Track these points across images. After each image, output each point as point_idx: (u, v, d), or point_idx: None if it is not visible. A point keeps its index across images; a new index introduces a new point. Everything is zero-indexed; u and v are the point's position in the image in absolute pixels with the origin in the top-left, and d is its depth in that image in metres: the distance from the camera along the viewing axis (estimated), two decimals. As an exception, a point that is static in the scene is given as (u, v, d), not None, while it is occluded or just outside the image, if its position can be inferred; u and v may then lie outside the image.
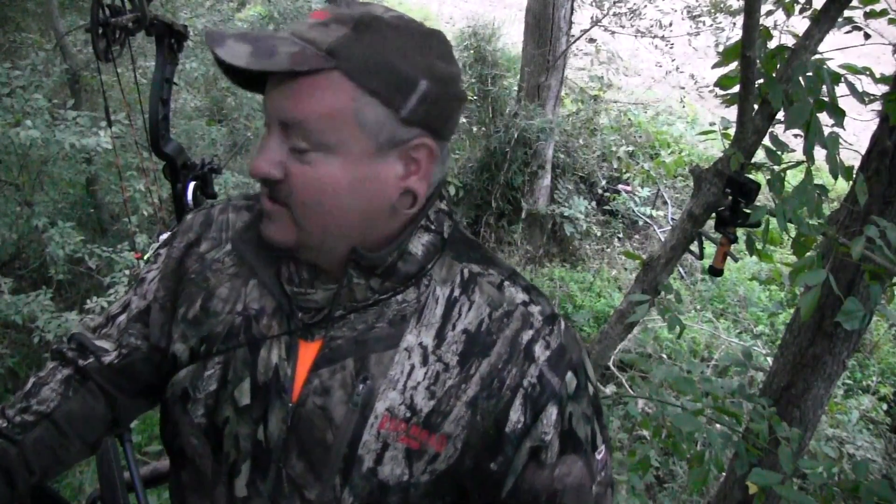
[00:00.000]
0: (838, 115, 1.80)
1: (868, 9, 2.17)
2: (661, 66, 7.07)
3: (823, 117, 1.81)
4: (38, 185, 4.70)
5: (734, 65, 2.06)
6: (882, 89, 2.07)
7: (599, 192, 6.89)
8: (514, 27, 7.29)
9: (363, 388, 0.75)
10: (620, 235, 6.70)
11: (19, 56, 4.93)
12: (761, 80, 1.96)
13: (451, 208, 0.83)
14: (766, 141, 2.01)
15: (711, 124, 3.06)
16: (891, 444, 4.38)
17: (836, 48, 2.26)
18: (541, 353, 0.77)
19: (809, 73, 1.81)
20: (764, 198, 3.67)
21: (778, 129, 2.06)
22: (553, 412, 0.77)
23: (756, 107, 2.03)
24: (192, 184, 1.84)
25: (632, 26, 6.61)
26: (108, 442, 1.21)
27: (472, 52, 6.29)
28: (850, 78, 1.85)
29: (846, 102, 1.86)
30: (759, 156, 2.19)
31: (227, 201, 0.91)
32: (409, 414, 0.75)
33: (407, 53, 0.71)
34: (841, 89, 1.84)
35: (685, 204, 2.89)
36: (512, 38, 7.25)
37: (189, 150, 3.11)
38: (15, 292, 3.79)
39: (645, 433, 3.57)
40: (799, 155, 1.92)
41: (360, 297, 0.77)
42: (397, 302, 0.78)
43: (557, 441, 0.78)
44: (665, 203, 7.00)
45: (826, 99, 1.80)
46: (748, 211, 1.98)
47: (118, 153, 2.98)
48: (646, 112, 7.96)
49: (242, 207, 0.89)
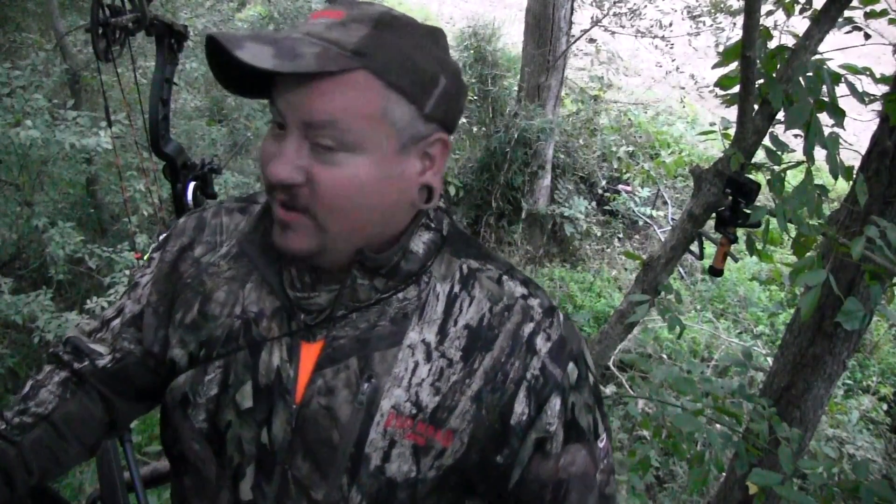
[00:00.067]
0: (838, 115, 1.80)
1: (868, 9, 2.17)
2: (661, 67, 7.07)
3: (823, 117, 1.81)
4: (38, 185, 4.70)
5: (734, 65, 2.05)
6: (882, 89, 2.07)
7: (599, 192, 6.89)
8: (514, 27, 7.29)
9: (368, 387, 0.75)
10: (620, 235, 6.71)
11: (19, 56, 4.93)
12: (761, 81, 1.95)
13: (448, 206, 0.84)
14: (766, 141, 2.01)
15: (711, 124, 3.06)
16: (891, 444, 4.38)
17: (837, 48, 2.25)
18: (542, 345, 0.78)
19: (809, 74, 1.81)
20: (764, 198, 3.67)
21: (778, 130, 2.06)
22: (556, 403, 0.77)
23: (756, 107, 2.03)
24: (192, 184, 1.84)
25: (632, 26, 6.61)
26: (107, 442, 1.21)
27: (472, 52, 6.29)
28: (850, 78, 1.85)
29: (846, 102, 1.86)
30: (760, 156, 2.19)
31: (219, 204, 0.90)
32: (414, 410, 0.75)
33: (426, 51, 0.72)
34: (841, 89, 1.84)
35: (685, 204, 2.89)
36: (512, 38, 7.25)
37: (189, 150, 3.12)
38: (15, 292, 3.79)
39: (645, 433, 3.57)
40: (799, 155, 1.92)
41: (363, 297, 0.77)
42: (398, 300, 0.78)
43: (562, 431, 0.78)
44: (665, 203, 7.00)
45: (826, 99, 1.80)
46: (748, 211, 1.98)
47: (118, 153, 2.97)
48: (646, 112, 7.97)
49: (235, 210, 0.88)
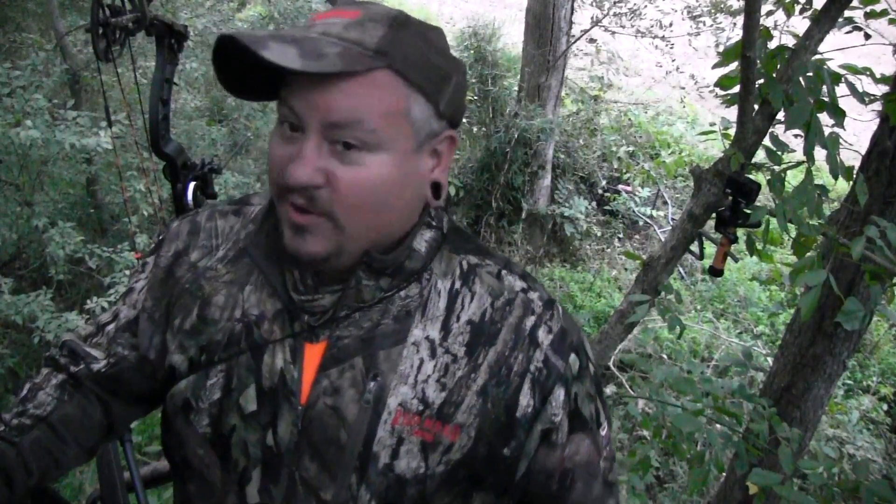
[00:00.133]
0: (838, 115, 1.80)
1: (868, 9, 2.17)
2: (661, 67, 7.07)
3: (823, 117, 1.81)
4: (38, 185, 4.71)
5: (734, 65, 2.05)
6: (882, 89, 2.07)
7: (600, 192, 6.89)
8: (514, 27, 7.29)
9: (374, 386, 0.75)
10: (621, 235, 6.71)
11: (19, 56, 4.93)
12: (761, 81, 1.95)
13: (445, 203, 0.84)
14: (766, 141, 2.01)
15: (712, 124, 3.06)
16: (891, 444, 4.38)
17: (837, 48, 2.25)
18: (544, 337, 0.79)
19: (810, 74, 1.81)
20: (764, 198, 3.67)
21: (778, 130, 2.05)
22: (560, 394, 0.78)
23: (756, 107, 2.03)
24: (192, 184, 1.84)
25: (632, 26, 6.61)
26: (108, 443, 1.21)
27: (472, 52, 6.29)
28: (851, 78, 1.85)
29: (846, 103, 1.86)
30: (760, 156, 2.19)
31: (212, 207, 0.90)
32: (421, 407, 0.76)
33: (438, 49, 0.74)
34: (841, 89, 1.84)
35: (685, 204, 2.89)
36: (512, 39, 7.25)
37: (189, 150, 3.11)
38: (15, 292, 3.79)
39: (645, 433, 3.57)
40: (799, 155, 1.92)
41: (368, 297, 0.77)
42: (401, 298, 0.78)
43: (566, 422, 0.80)
44: (665, 203, 7.00)
45: (826, 99, 1.80)
46: (748, 211, 1.98)
47: (118, 153, 2.98)
48: (646, 112, 7.97)
49: (229, 212, 0.88)
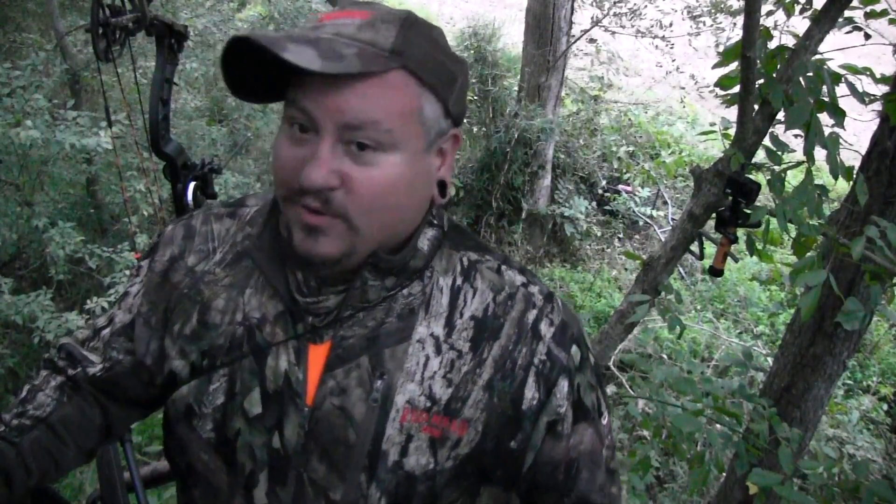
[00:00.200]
0: (838, 115, 1.80)
1: (868, 9, 2.16)
2: (661, 67, 7.07)
3: (824, 117, 1.81)
4: (38, 185, 4.71)
5: (734, 65, 2.05)
6: (882, 89, 2.07)
7: (600, 192, 6.89)
8: (514, 27, 7.29)
9: (381, 384, 0.76)
10: (621, 236, 6.71)
11: (19, 56, 4.93)
12: (761, 81, 1.95)
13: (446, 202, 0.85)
14: (766, 141, 2.01)
15: (712, 124, 3.06)
16: (891, 444, 4.38)
17: (837, 48, 2.25)
18: (546, 330, 0.80)
19: (810, 74, 1.81)
20: (764, 198, 3.67)
21: (778, 130, 2.05)
22: (564, 385, 0.79)
23: (756, 107, 2.03)
24: (192, 184, 1.84)
25: (632, 26, 6.61)
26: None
27: (472, 52, 6.29)
28: (851, 78, 1.85)
29: (846, 103, 1.86)
30: (760, 156, 2.19)
31: (206, 211, 0.89)
32: (429, 403, 0.76)
33: (444, 48, 0.75)
34: (841, 89, 1.84)
35: (685, 204, 2.89)
36: (512, 38, 7.25)
37: (189, 150, 3.11)
38: (15, 292, 3.79)
39: (645, 433, 3.58)
40: (799, 155, 1.92)
41: (373, 297, 0.77)
42: (404, 296, 0.78)
43: (570, 412, 0.81)
44: (665, 203, 7.00)
45: (826, 99, 1.80)
46: (748, 211, 1.98)
47: (118, 153, 2.98)
48: (646, 112, 7.97)
49: (224, 215, 0.87)
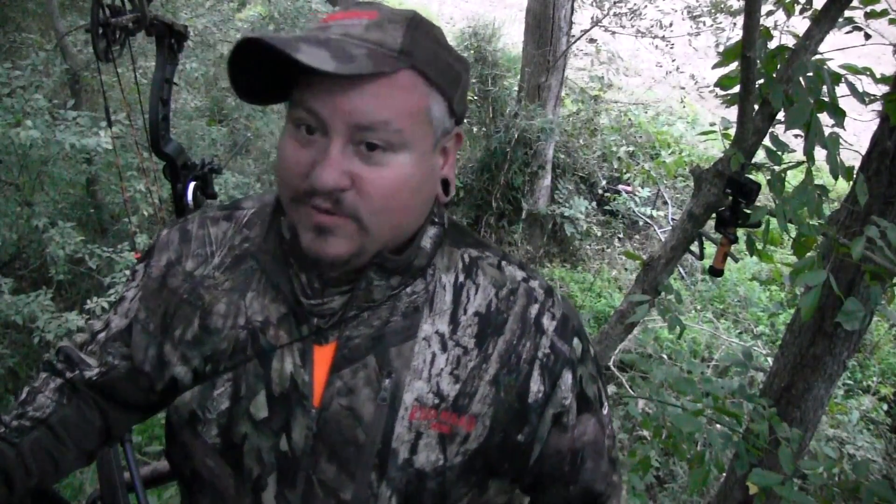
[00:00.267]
0: (838, 115, 1.80)
1: (868, 9, 2.16)
2: (661, 67, 7.07)
3: (824, 117, 1.81)
4: (38, 185, 4.71)
5: (734, 65, 2.05)
6: (882, 89, 2.07)
7: (600, 192, 6.89)
8: (514, 27, 7.30)
9: (389, 383, 0.76)
10: (621, 236, 6.71)
11: (19, 56, 4.93)
12: (761, 81, 1.95)
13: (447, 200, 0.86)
14: (766, 141, 2.01)
15: (712, 124, 3.06)
16: (891, 444, 4.38)
17: (837, 48, 2.25)
18: (548, 324, 0.81)
19: (810, 74, 1.80)
20: (764, 198, 3.67)
21: (778, 130, 2.05)
22: (568, 377, 0.81)
23: (756, 107, 2.03)
24: (192, 184, 1.84)
25: (632, 26, 6.61)
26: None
27: (472, 52, 6.29)
28: (851, 78, 1.85)
29: (846, 103, 1.86)
30: (760, 156, 2.19)
31: (202, 214, 0.89)
32: (437, 400, 0.76)
33: (447, 48, 0.75)
34: (841, 89, 1.84)
35: (685, 204, 2.89)
36: (512, 39, 7.25)
37: (189, 150, 3.12)
38: (15, 292, 3.79)
39: (645, 433, 3.57)
40: (799, 155, 1.91)
41: (378, 297, 0.77)
42: (407, 294, 0.78)
43: (574, 403, 0.82)
44: (665, 203, 7.00)
45: (826, 99, 1.80)
46: (748, 211, 1.98)
47: (118, 153, 2.98)
48: (646, 112, 7.97)
49: (220, 218, 0.87)
